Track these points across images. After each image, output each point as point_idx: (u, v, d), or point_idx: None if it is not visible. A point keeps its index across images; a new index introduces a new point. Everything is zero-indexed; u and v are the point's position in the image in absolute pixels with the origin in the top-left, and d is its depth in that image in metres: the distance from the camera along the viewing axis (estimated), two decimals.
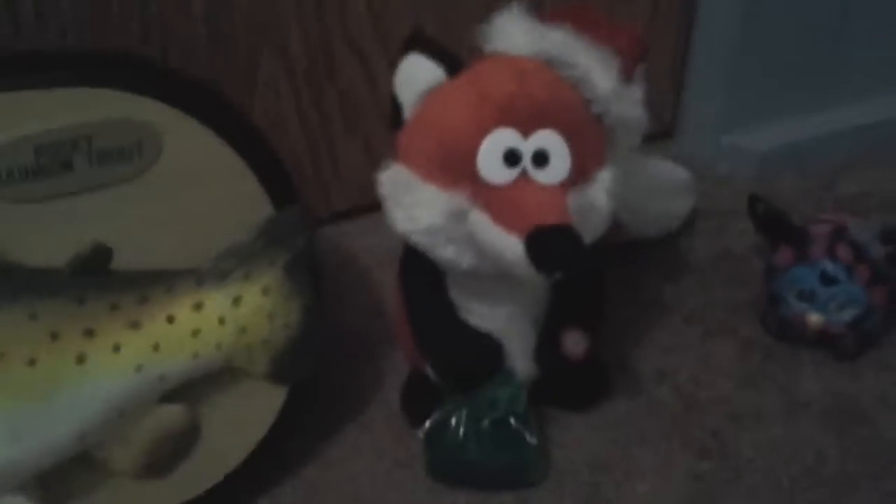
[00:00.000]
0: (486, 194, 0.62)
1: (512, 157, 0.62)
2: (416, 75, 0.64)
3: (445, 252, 0.65)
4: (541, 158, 0.62)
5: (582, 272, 0.73)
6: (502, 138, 0.62)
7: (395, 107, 0.66)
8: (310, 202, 0.98)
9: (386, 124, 0.67)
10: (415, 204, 0.63)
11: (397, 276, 0.77)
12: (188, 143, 0.65)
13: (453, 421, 0.72)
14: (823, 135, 1.07)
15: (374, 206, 0.68)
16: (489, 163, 0.62)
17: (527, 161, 0.62)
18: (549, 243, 0.59)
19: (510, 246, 0.60)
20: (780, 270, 0.86)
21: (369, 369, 0.87)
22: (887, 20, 1.03)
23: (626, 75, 0.67)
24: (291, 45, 0.87)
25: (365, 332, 0.90)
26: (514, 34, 0.64)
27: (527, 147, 0.62)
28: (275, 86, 0.89)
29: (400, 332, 0.80)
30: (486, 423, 0.72)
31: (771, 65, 1.02)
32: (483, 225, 0.62)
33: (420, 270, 0.71)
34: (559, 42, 0.64)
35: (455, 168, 0.62)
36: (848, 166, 1.06)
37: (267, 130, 0.86)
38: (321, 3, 0.85)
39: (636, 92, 0.67)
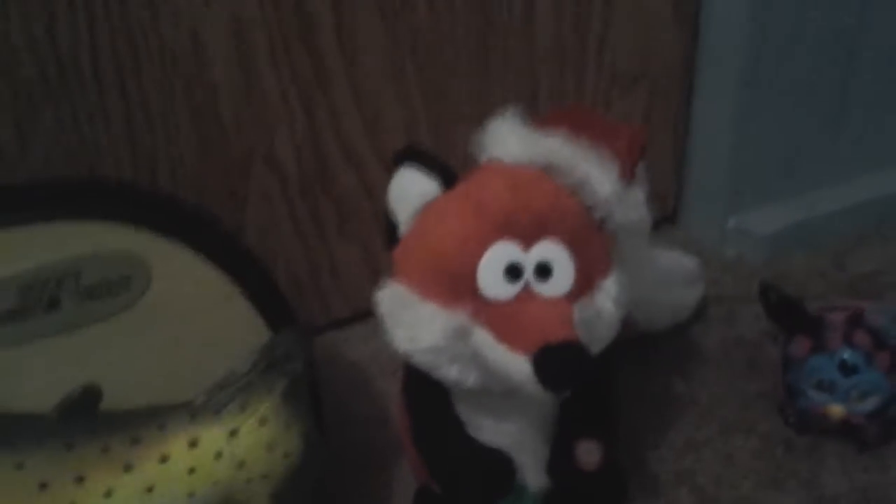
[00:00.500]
0: (488, 311, 0.60)
1: (514, 271, 0.59)
2: (410, 189, 0.62)
3: (450, 372, 0.63)
4: (544, 271, 0.60)
5: (591, 380, 0.71)
6: (503, 252, 0.60)
7: (390, 223, 0.64)
8: (309, 311, 0.96)
9: (382, 241, 0.65)
10: (414, 323, 0.61)
11: (400, 393, 0.74)
12: (177, 271, 0.64)
13: None
14: (831, 213, 1.04)
15: (374, 312, 0.66)
16: (490, 278, 0.59)
17: (529, 274, 0.60)
18: (557, 362, 0.57)
19: (517, 365, 0.58)
20: (796, 361, 0.83)
21: (376, 483, 0.84)
22: (888, 94, 1.01)
23: (627, 177, 0.65)
24: (282, 154, 0.85)
25: (370, 444, 0.87)
26: (508, 141, 0.62)
27: (528, 260, 0.60)
28: (268, 197, 0.87)
29: (406, 448, 0.77)
30: None
31: (771, 145, 1.00)
32: (487, 343, 0.59)
33: (424, 387, 0.68)
34: (555, 148, 0.62)
35: (455, 285, 0.60)
36: (858, 244, 1.04)
37: (262, 241, 0.86)
38: (311, 112, 0.84)
39: (638, 194, 0.64)
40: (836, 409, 0.81)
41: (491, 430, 0.69)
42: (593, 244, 0.63)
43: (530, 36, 0.88)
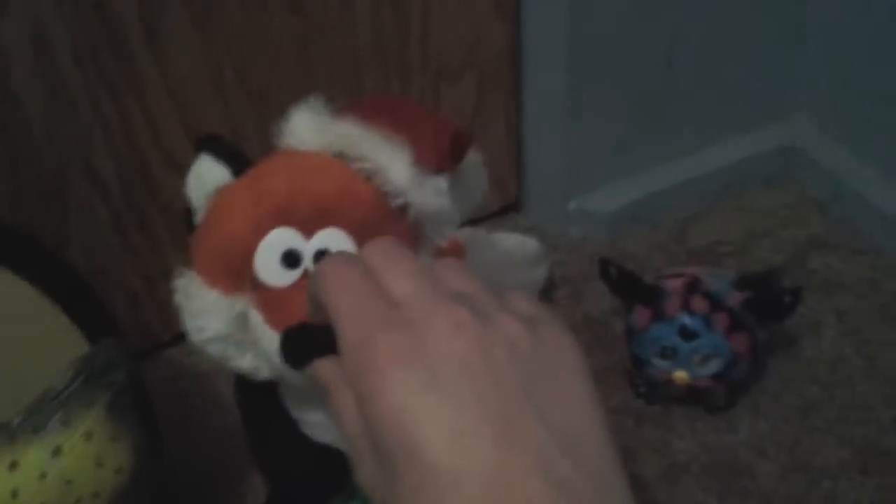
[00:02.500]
0: (265, 297, 0.58)
1: (291, 259, 0.58)
2: (203, 176, 0.61)
3: (242, 362, 0.61)
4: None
5: None
6: (280, 239, 0.58)
7: (188, 210, 0.62)
8: (150, 326, 0.93)
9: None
10: (201, 312, 0.59)
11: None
12: None
13: None
14: (667, 188, 1.06)
15: None
16: (266, 265, 0.58)
17: (308, 262, 0.58)
18: (301, 336, 0.54)
19: (271, 343, 0.57)
20: (639, 331, 0.84)
21: (227, 497, 0.82)
22: (713, 69, 1.03)
23: (433, 164, 0.63)
24: (101, 165, 0.82)
25: (221, 457, 0.85)
26: (300, 129, 0.61)
27: (308, 247, 0.58)
28: (90, 210, 0.84)
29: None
30: None
31: (604, 127, 1.01)
32: (257, 326, 0.58)
33: (252, 386, 0.66)
34: (345, 135, 0.60)
35: (235, 272, 0.59)
36: (694, 217, 1.06)
37: (89, 256, 0.83)
38: (127, 119, 0.81)
39: (439, 183, 0.63)
40: (681, 375, 0.82)
41: (323, 427, 0.67)
42: (387, 233, 0.61)
43: (351, 34, 0.87)
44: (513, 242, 0.94)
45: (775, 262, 0.99)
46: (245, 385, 0.68)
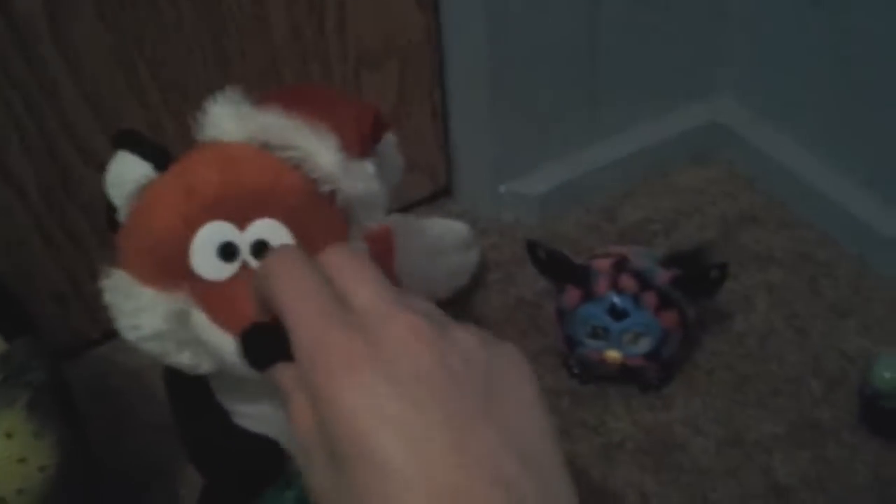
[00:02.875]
0: (204, 292, 0.57)
1: (228, 252, 0.57)
2: (124, 174, 0.59)
3: (181, 358, 0.60)
4: (261, 249, 0.58)
5: None
6: (214, 232, 0.57)
7: (109, 207, 0.61)
8: (78, 325, 0.91)
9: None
10: (136, 310, 0.58)
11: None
12: None
13: None
14: (596, 169, 1.06)
15: None
16: (202, 259, 0.57)
17: (246, 254, 0.57)
18: (265, 339, 0.54)
19: (227, 345, 0.56)
20: (569, 312, 0.84)
21: (163, 492, 0.81)
22: (636, 47, 1.03)
23: (358, 149, 0.63)
24: (17, 167, 0.80)
25: (157, 450, 0.84)
26: (222, 121, 0.60)
27: (244, 239, 0.58)
28: (8, 212, 0.82)
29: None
30: None
31: (530, 109, 1.00)
32: (202, 325, 0.57)
33: (182, 378, 0.65)
34: (269, 124, 0.60)
35: (170, 268, 0.57)
36: (626, 195, 1.06)
37: (11, 259, 0.81)
38: (41, 121, 0.79)
39: (367, 166, 0.62)
40: (613, 354, 0.82)
41: (256, 418, 0.67)
42: (319, 219, 0.61)
43: (265, 27, 0.85)
44: (443, 228, 0.94)
45: (705, 238, 1.00)
46: (175, 378, 0.67)
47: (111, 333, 0.93)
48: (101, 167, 0.82)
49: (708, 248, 0.91)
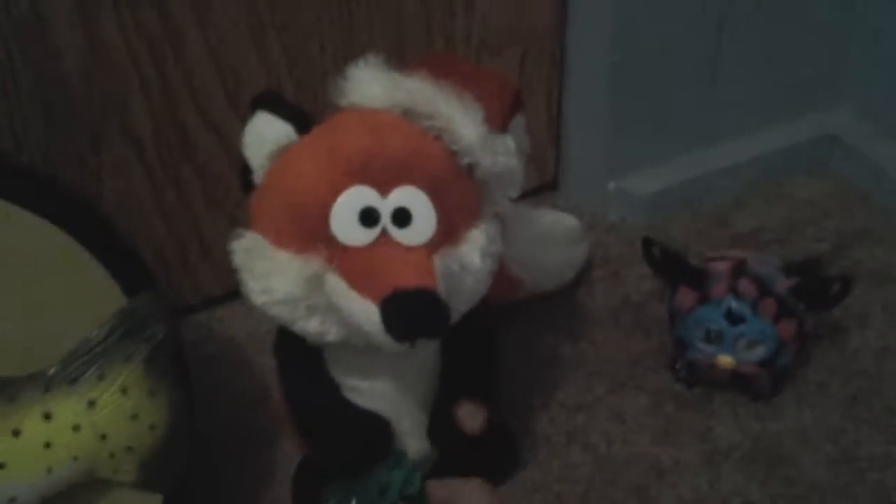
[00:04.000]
0: (342, 257, 0.56)
1: (369, 217, 0.56)
2: (264, 135, 0.58)
3: (309, 325, 0.59)
4: (402, 217, 0.56)
5: (474, 335, 0.67)
6: (357, 197, 0.56)
7: (245, 169, 0.60)
8: (179, 289, 0.91)
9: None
10: (268, 273, 0.57)
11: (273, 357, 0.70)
12: (22, 236, 0.58)
13: None
14: (709, 173, 1.03)
15: None
16: (343, 223, 0.56)
17: (386, 220, 0.56)
18: (407, 308, 0.53)
19: (366, 312, 0.54)
20: (683, 313, 0.81)
21: (257, 461, 0.80)
22: (759, 56, 1.01)
23: (498, 124, 0.62)
24: (137, 120, 0.80)
25: (251, 422, 0.83)
26: (368, 85, 0.58)
27: (386, 205, 0.56)
28: (124, 166, 0.81)
29: (285, 419, 0.73)
30: None
31: (648, 107, 0.98)
32: (339, 290, 0.56)
33: (295, 348, 0.64)
34: (416, 91, 0.58)
35: (308, 231, 0.56)
36: (736, 203, 1.03)
37: (121, 216, 0.80)
38: (166, 74, 0.79)
39: (508, 142, 0.61)
40: (726, 360, 0.80)
41: (368, 394, 0.66)
42: (459, 191, 0.60)
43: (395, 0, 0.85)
44: (552, 219, 0.92)
45: (819, 251, 0.97)
46: (288, 347, 0.66)
47: (210, 300, 0.93)
48: (219, 129, 0.83)
49: (826, 260, 0.88)
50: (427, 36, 0.88)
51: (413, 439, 0.68)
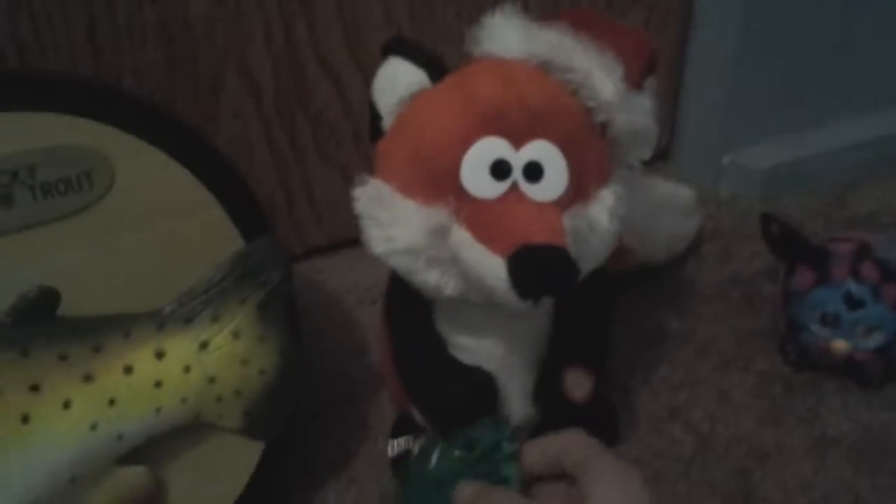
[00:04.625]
0: (470, 210, 0.55)
1: (500, 169, 0.54)
2: (396, 80, 0.57)
3: (428, 277, 0.58)
4: (534, 171, 0.55)
5: (589, 301, 0.66)
6: (490, 148, 0.54)
7: (374, 116, 0.59)
8: (283, 238, 0.91)
9: (366, 135, 0.60)
10: (392, 221, 0.56)
11: (382, 309, 0.70)
12: (144, 171, 0.58)
13: (433, 458, 0.64)
14: (828, 151, 1.00)
15: (353, 240, 0.61)
16: (474, 175, 0.54)
17: (518, 174, 0.55)
18: (536, 264, 0.51)
19: (492, 266, 0.53)
20: (799, 294, 0.79)
21: (353, 416, 0.80)
22: (889, 34, 0.97)
23: (635, 82, 0.60)
24: (257, 66, 0.80)
25: (349, 375, 0.83)
26: (504, 35, 0.57)
27: (518, 158, 0.55)
28: (241, 111, 0.81)
29: (386, 373, 0.73)
30: (463, 466, 0.64)
31: (770, 80, 0.96)
32: (465, 243, 0.54)
33: (405, 301, 0.64)
34: (555, 43, 0.57)
35: (437, 181, 0.55)
36: (855, 184, 1.00)
37: (233, 160, 0.80)
38: (289, 22, 0.78)
39: (645, 101, 0.59)
40: (841, 345, 0.77)
41: (476, 353, 0.65)
42: (591, 149, 0.58)
43: None
44: (667, 189, 0.90)
45: None
46: (399, 299, 0.65)
47: (313, 250, 0.93)
48: (337, 79, 0.82)
49: None
50: None
51: (518, 402, 0.67)
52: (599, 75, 0.56)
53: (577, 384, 0.67)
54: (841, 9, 0.94)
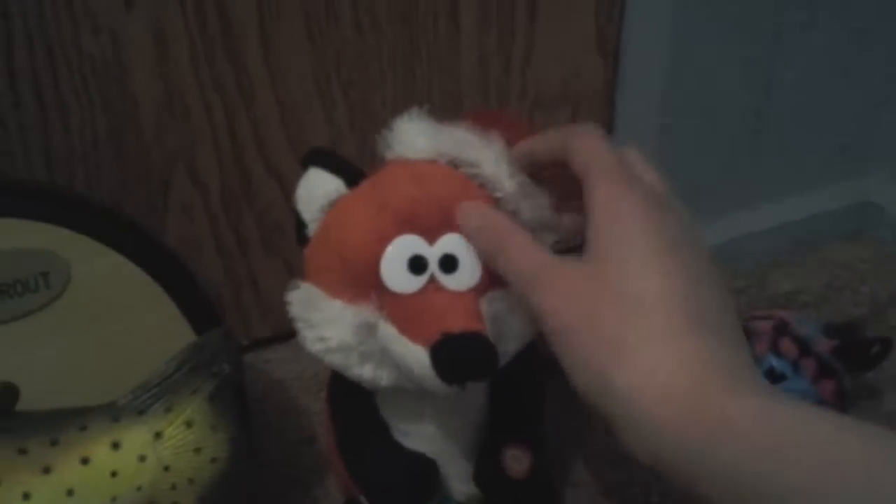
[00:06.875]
0: (392, 304, 0.58)
1: (417, 264, 0.58)
2: (315, 189, 0.61)
3: (363, 371, 0.61)
4: (449, 263, 0.59)
5: (521, 378, 0.70)
6: (406, 245, 0.58)
7: (299, 224, 0.63)
8: (231, 329, 0.93)
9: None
10: (323, 322, 0.59)
11: (325, 401, 0.72)
12: (98, 270, 0.62)
13: None
14: (746, 235, 1.06)
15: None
16: (393, 272, 0.58)
17: (434, 267, 0.58)
18: (456, 351, 0.55)
19: (416, 357, 0.56)
20: None
21: (302, 501, 0.82)
22: (798, 123, 1.04)
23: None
24: (205, 167, 0.83)
25: (297, 462, 0.85)
26: (413, 137, 0.61)
27: (433, 253, 0.59)
28: (189, 210, 0.85)
29: (332, 461, 0.76)
30: None
31: (690, 170, 1.01)
32: (391, 337, 0.58)
33: (347, 390, 0.66)
34: (459, 140, 0.61)
35: (360, 280, 0.59)
36: (775, 265, 1.06)
37: (182, 256, 0.83)
38: (234, 124, 0.82)
39: (543, 194, 0.63)
40: None
41: (416, 437, 0.68)
42: None
43: (455, 55, 0.88)
44: None
45: (856, 314, 0.99)
46: (341, 390, 0.68)
47: (259, 341, 0.96)
48: (281, 178, 0.86)
49: (864, 323, 0.90)
50: (483, 95, 0.91)
51: (459, 482, 0.70)
52: (503, 169, 0.60)
53: (517, 461, 0.69)
54: (755, 102, 1.00)
